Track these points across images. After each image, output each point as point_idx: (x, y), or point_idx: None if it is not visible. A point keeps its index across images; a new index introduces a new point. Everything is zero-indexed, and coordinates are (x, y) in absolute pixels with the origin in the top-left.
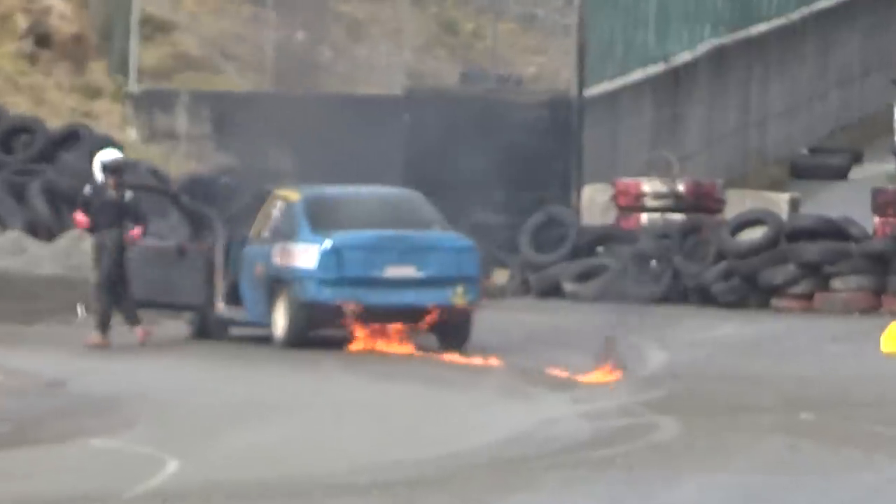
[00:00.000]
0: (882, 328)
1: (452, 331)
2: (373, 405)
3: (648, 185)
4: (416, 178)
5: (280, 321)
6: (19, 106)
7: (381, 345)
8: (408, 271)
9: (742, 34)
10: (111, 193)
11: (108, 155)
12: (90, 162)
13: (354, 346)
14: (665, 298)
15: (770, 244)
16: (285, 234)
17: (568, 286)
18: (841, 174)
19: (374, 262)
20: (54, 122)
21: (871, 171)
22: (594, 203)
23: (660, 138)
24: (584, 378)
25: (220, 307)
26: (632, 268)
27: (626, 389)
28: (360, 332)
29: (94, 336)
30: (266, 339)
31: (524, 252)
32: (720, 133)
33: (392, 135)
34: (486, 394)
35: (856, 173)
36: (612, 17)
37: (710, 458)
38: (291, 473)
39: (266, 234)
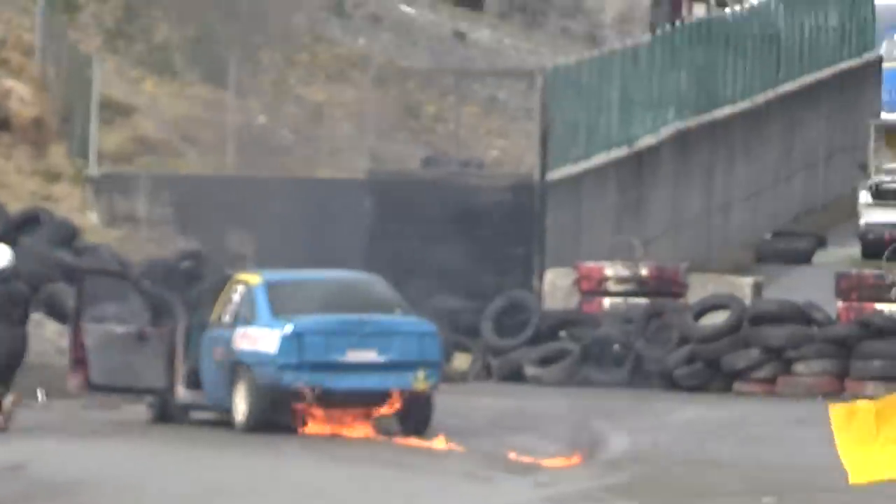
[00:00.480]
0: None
1: (413, 414)
2: (332, 489)
3: (611, 270)
4: (378, 263)
5: (241, 405)
6: None
7: (341, 429)
8: (369, 355)
9: (706, 117)
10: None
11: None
12: (51, 246)
13: (315, 430)
14: (628, 383)
15: (733, 329)
16: (246, 318)
17: (530, 370)
18: (805, 258)
19: (335, 346)
20: (14, 206)
21: (835, 256)
22: (557, 287)
23: (623, 222)
24: (546, 462)
25: (181, 391)
26: (594, 352)
27: (589, 473)
28: (320, 415)
29: None
30: (227, 423)
31: (486, 336)
32: (684, 217)
33: (354, 218)
34: (448, 478)
35: (819, 257)
36: (576, 101)
37: None
38: None
39: (227, 318)
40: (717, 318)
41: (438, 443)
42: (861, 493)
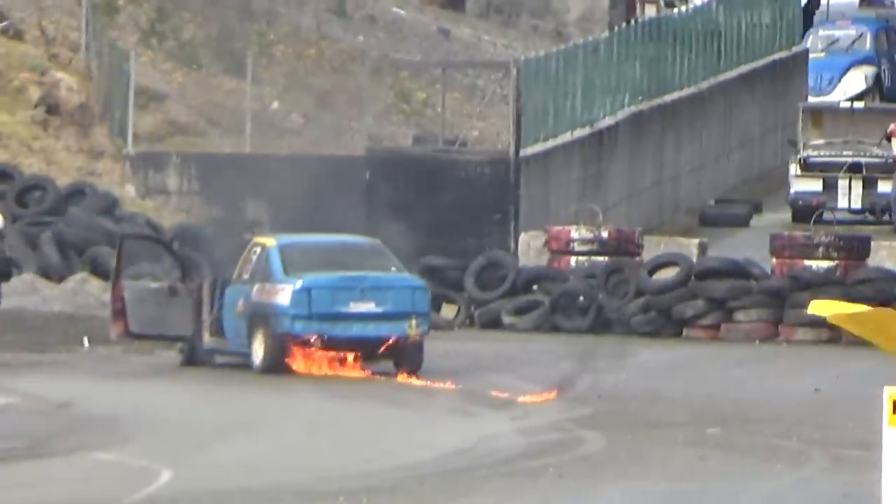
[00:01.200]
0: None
1: (407, 358)
2: (337, 423)
3: (577, 233)
4: (375, 227)
5: (258, 351)
6: (32, 166)
7: (345, 370)
8: (368, 307)
9: (657, 102)
10: None
11: None
12: (94, 214)
13: (322, 372)
14: (591, 330)
15: (682, 282)
16: (262, 275)
17: (507, 319)
18: (743, 222)
19: (339, 299)
20: (63, 180)
21: (769, 220)
22: (530, 248)
23: (586, 192)
24: (521, 399)
25: (207, 338)
26: (562, 303)
27: (558, 408)
28: (327, 359)
29: None
30: (246, 367)
31: (469, 290)
32: (638, 187)
33: (355, 190)
34: (436, 413)
35: (756, 221)
36: (545, 88)
37: (631, 468)
38: (269, 482)
39: (246, 275)
40: (668, 274)
41: (429, 382)
42: (793, 424)
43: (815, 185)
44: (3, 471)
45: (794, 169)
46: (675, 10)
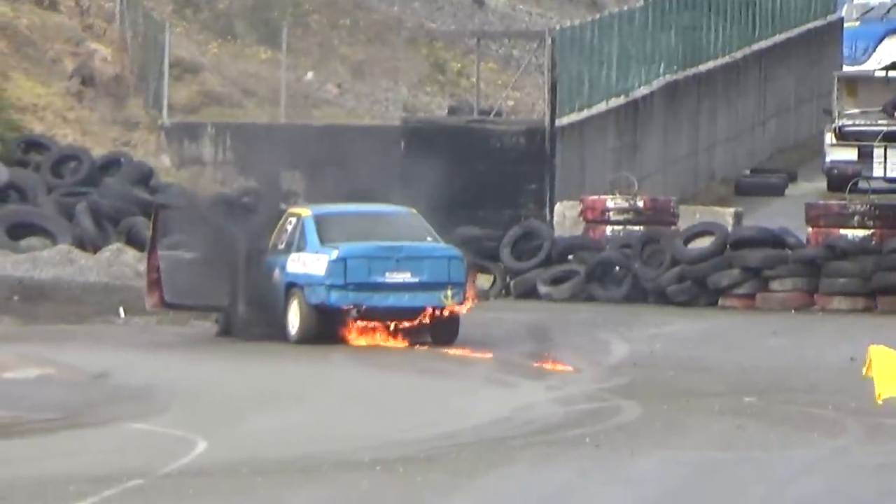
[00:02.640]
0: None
1: (442, 327)
2: (374, 393)
3: (612, 202)
4: (411, 197)
5: (293, 321)
6: (68, 137)
7: (381, 340)
8: (404, 277)
9: (692, 71)
10: None
11: None
12: (130, 185)
13: (358, 342)
14: (627, 299)
15: (717, 252)
16: (298, 245)
17: (543, 289)
18: (778, 191)
19: (375, 269)
20: (98, 151)
21: (805, 189)
22: (565, 217)
23: (621, 161)
24: (557, 368)
25: (243, 308)
26: (598, 273)
27: (593, 377)
28: (362, 329)
29: None
30: (281, 337)
31: (505, 260)
32: (674, 157)
33: (390, 159)
34: (472, 382)
35: (791, 190)
36: (579, 58)
37: (668, 437)
38: (305, 452)
39: (281, 245)
40: (703, 243)
41: (465, 352)
42: (829, 393)
43: (850, 154)
44: (40, 441)
45: (829, 138)
46: None
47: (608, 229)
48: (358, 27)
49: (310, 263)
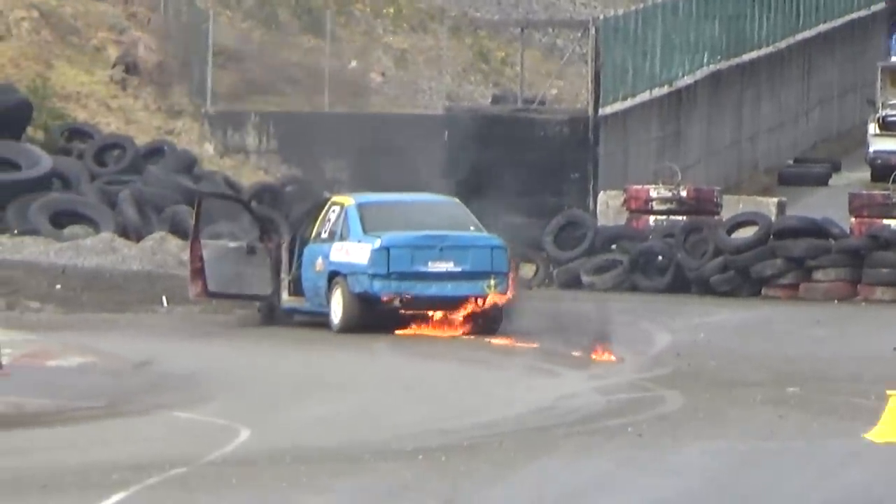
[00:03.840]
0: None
1: (486, 317)
2: (416, 382)
3: (655, 192)
4: (453, 186)
5: (337, 310)
6: (111, 125)
7: (424, 330)
8: (447, 266)
9: (736, 61)
10: None
11: None
12: (173, 173)
13: (401, 331)
14: (670, 289)
15: (761, 242)
16: (341, 234)
17: (586, 278)
18: (822, 181)
19: (418, 258)
20: (141, 139)
21: (848, 179)
22: (608, 207)
23: (665, 151)
24: (600, 357)
25: (285, 297)
26: (641, 263)
27: (636, 367)
28: (406, 319)
29: None
30: (325, 325)
31: (548, 249)
32: (717, 146)
33: (433, 149)
34: (515, 372)
35: (835, 180)
36: (623, 47)
37: (710, 427)
38: (347, 441)
39: (324, 234)
40: (746, 233)
41: (508, 341)
42: (872, 383)
43: (894, 143)
44: (83, 430)
45: (872, 128)
46: None
47: (651, 219)
48: (401, 16)
49: (353, 252)
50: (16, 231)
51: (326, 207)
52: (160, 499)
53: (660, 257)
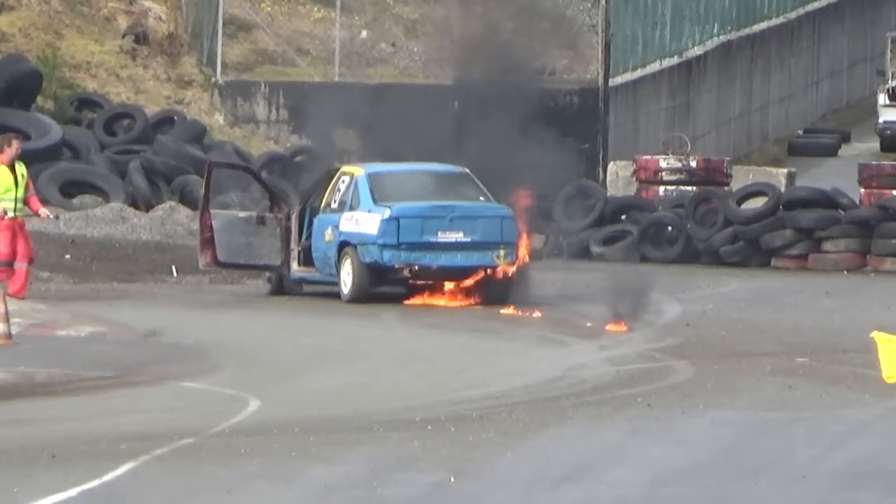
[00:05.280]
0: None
1: (495, 287)
2: (426, 352)
3: (665, 162)
4: (464, 157)
5: (346, 280)
6: (121, 95)
7: (433, 299)
8: (457, 236)
9: (746, 31)
10: None
11: None
12: (183, 143)
13: (410, 301)
14: (679, 259)
15: (770, 212)
16: (351, 204)
17: (595, 249)
18: (831, 152)
19: (427, 228)
20: (151, 109)
21: (858, 149)
22: (618, 177)
23: (675, 122)
24: (610, 328)
25: (295, 268)
26: (650, 233)
27: (646, 337)
28: (415, 288)
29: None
30: (334, 295)
31: (558, 220)
32: (727, 117)
33: (444, 119)
34: (524, 342)
35: (844, 151)
36: (633, 17)
37: (720, 397)
38: (357, 411)
39: (334, 204)
40: (756, 204)
41: (518, 312)
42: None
43: None
44: (92, 399)
45: (882, 99)
46: None
47: (661, 189)
48: None
49: (363, 222)
50: None
51: (336, 177)
52: (169, 469)
53: (669, 228)
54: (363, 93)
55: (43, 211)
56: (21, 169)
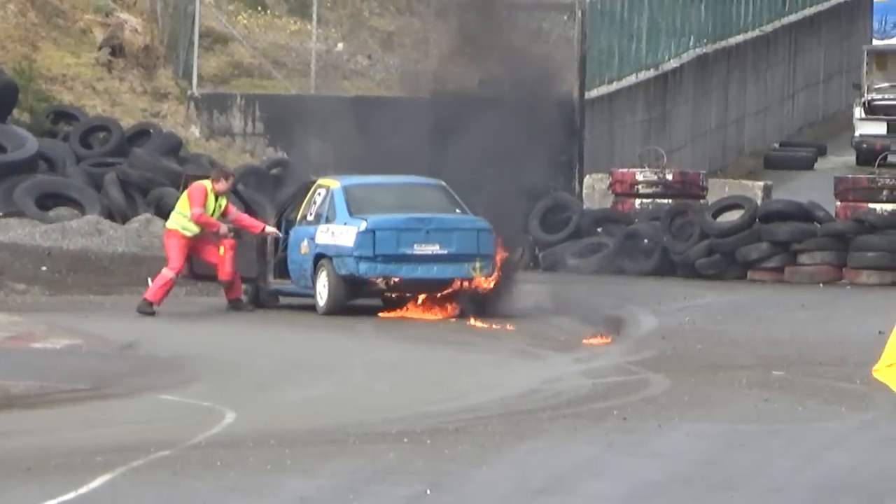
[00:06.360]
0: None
1: (472, 300)
2: (402, 364)
3: (641, 175)
4: (440, 169)
5: (322, 292)
6: (97, 107)
7: (409, 312)
8: (433, 249)
9: (722, 44)
10: None
11: None
12: (159, 155)
13: (386, 314)
14: (655, 272)
15: (746, 225)
16: (327, 217)
17: (572, 261)
18: (807, 165)
19: (403, 240)
20: (127, 121)
21: (834, 162)
22: (594, 190)
23: (651, 134)
24: (585, 341)
25: (271, 280)
26: (627, 246)
27: (622, 350)
28: (391, 301)
29: None
30: (310, 308)
31: (534, 232)
32: (703, 130)
33: (420, 131)
34: (500, 355)
35: (820, 164)
36: (609, 30)
37: (695, 410)
38: (333, 424)
39: (310, 217)
40: (732, 217)
41: (494, 324)
42: (857, 367)
43: (879, 128)
44: (68, 412)
45: (858, 112)
46: None
47: (637, 202)
48: None
49: (339, 235)
50: (1, 213)
51: (312, 190)
52: (145, 481)
53: (645, 240)
54: (339, 105)
55: None
56: None
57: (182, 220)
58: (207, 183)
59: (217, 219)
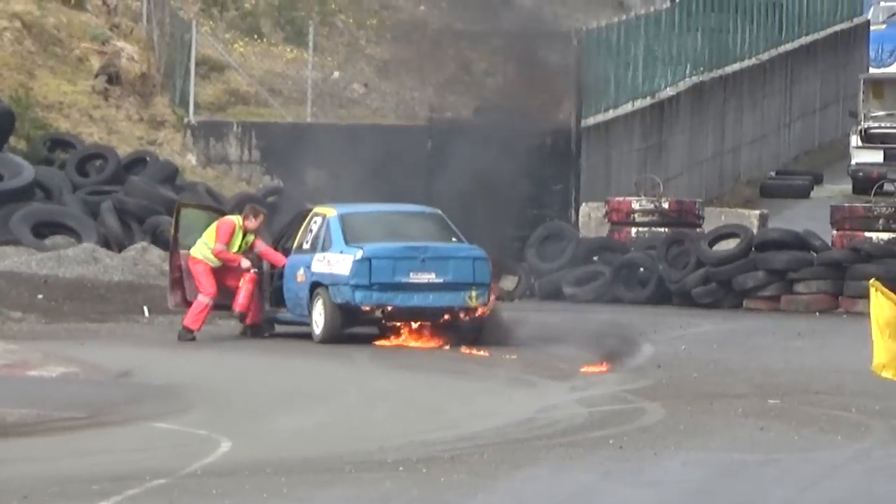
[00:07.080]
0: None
1: (467, 328)
2: (397, 393)
3: (637, 203)
4: (436, 198)
5: (318, 320)
6: (93, 135)
7: (405, 340)
8: (429, 277)
9: (718, 73)
10: None
11: None
12: (155, 183)
13: (382, 342)
14: (651, 301)
15: (742, 254)
16: (323, 245)
17: (568, 290)
18: (804, 194)
19: (399, 269)
20: (123, 149)
21: (830, 191)
22: (590, 218)
23: (647, 162)
24: (581, 369)
25: (267, 308)
26: (623, 274)
27: (617, 379)
28: (387, 329)
29: None
30: (306, 336)
31: (530, 260)
32: (699, 158)
33: (416, 160)
34: (496, 383)
35: (816, 193)
36: (606, 58)
37: (691, 439)
38: (329, 452)
39: (306, 245)
40: (728, 245)
41: (488, 352)
42: (853, 396)
43: (875, 156)
44: (63, 440)
45: (854, 140)
46: None
47: (633, 230)
48: (384, 26)
49: (335, 263)
50: None
51: (308, 218)
52: None
53: (641, 269)
54: (335, 133)
55: None
56: None
57: (205, 250)
58: (237, 219)
59: (243, 252)
